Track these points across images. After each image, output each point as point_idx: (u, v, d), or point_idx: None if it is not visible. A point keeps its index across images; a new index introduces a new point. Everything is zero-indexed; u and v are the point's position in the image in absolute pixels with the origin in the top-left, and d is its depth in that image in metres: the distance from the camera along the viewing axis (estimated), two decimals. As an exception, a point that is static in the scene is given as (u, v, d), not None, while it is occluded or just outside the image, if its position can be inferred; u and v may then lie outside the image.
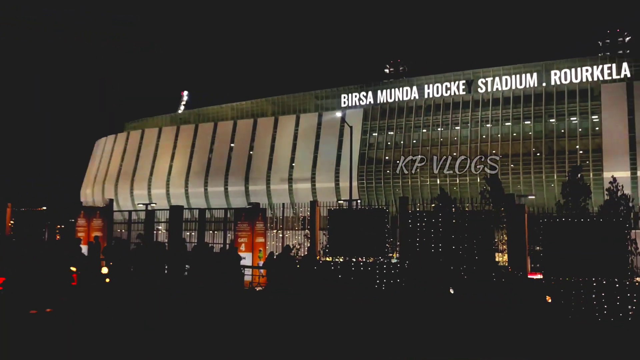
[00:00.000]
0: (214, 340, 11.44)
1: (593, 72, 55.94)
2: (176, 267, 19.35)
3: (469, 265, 18.34)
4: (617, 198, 27.12)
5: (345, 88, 68.65)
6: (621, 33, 58.10)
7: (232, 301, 17.30)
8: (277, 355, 10.40)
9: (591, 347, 12.58)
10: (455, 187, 57.09)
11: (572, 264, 17.46)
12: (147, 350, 10.52)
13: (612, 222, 18.74)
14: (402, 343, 11.75)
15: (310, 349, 10.86)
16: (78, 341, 11.06)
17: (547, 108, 57.29)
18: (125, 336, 11.65)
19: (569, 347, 12.53)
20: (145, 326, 12.96)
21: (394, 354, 10.72)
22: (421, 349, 11.21)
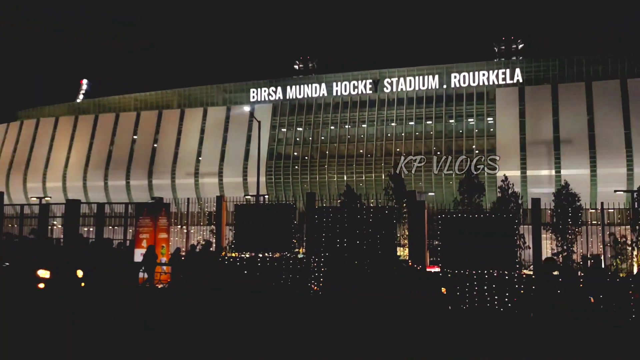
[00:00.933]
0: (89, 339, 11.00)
1: (489, 76, 59.31)
2: (65, 264, 18.29)
3: (372, 260, 18.87)
4: (508, 196, 28.98)
5: (255, 82, 68.22)
6: (515, 40, 62.01)
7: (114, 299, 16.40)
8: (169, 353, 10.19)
9: (484, 336, 13.34)
10: (362, 184, 58.50)
11: (467, 258, 18.43)
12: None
13: (503, 218, 20.01)
14: (306, 339, 11.87)
15: (210, 346, 10.72)
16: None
17: (447, 109, 60.07)
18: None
19: (464, 336, 13.21)
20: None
21: (301, 351, 10.82)
22: (337, 345, 11.39)
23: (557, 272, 18.66)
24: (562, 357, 11.02)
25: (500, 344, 11.93)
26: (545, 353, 11.23)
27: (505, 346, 11.73)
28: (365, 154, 61.63)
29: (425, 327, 13.83)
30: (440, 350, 10.98)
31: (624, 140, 52.42)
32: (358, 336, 12.08)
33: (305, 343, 11.23)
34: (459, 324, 15.24)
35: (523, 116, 56.54)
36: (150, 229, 21.85)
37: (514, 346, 11.80)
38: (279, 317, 14.48)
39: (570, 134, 54.00)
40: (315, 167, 62.70)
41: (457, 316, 16.99)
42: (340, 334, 12.29)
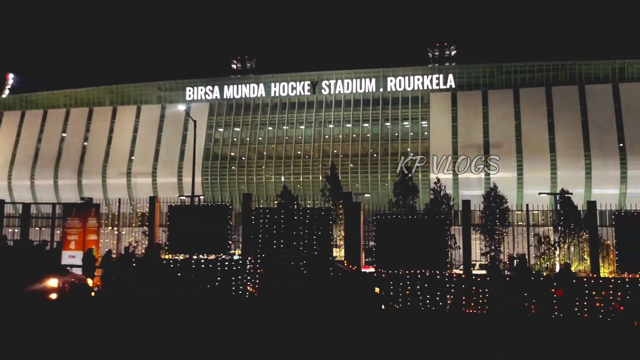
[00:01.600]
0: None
1: (424, 81, 60.87)
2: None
3: (308, 260, 18.98)
4: (440, 197, 29.81)
5: (191, 81, 67.05)
6: (448, 47, 63.93)
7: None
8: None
9: (416, 334, 13.66)
10: (299, 185, 58.64)
11: (401, 258, 18.90)
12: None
13: (435, 219, 20.65)
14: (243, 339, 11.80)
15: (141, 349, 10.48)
16: None
17: (384, 112, 61.18)
18: None
19: (398, 334, 13.48)
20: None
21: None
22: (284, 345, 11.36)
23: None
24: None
25: (434, 343, 12.26)
26: (481, 349, 11.64)
27: (442, 345, 12.07)
28: (302, 155, 61.84)
29: (359, 326, 14.02)
30: (376, 351, 11.17)
31: (548, 145, 55.07)
32: (293, 337, 12.11)
33: (239, 345, 11.15)
34: (393, 322, 15.55)
35: (455, 120, 58.40)
36: (79, 230, 21.12)
37: (452, 345, 12.16)
38: (213, 320, 14.30)
39: (499, 138, 56.22)
40: (252, 167, 62.35)
41: (391, 315, 17.34)
42: (276, 335, 12.28)
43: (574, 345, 12.78)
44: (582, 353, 11.70)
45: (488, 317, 17.27)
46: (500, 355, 11.01)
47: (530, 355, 11.14)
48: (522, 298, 18.02)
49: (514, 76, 60.05)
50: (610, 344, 13.03)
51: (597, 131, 54.29)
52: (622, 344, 13.13)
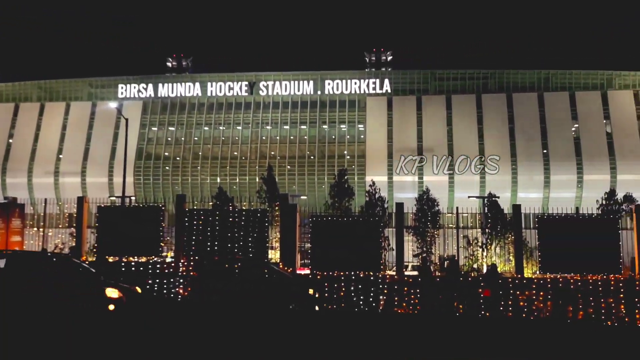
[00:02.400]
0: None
1: (360, 85, 61.76)
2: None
3: (243, 262, 18.83)
4: (375, 200, 30.33)
5: (124, 78, 65.09)
6: (385, 52, 65.13)
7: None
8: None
9: (349, 335, 13.81)
10: (235, 186, 58.10)
11: (336, 259, 19.08)
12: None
13: (370, 222, 20.99)
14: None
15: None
16: None
17: (321, 115, 61.62)
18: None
19: (330, 336, 13.58)
20: None
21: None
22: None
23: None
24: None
25: (366, 343, 12.43)
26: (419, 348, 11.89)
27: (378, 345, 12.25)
28: (239, 156, 61.31)
29: (291, 328, 14.03)
30: (308, 352, 11.22)
31: (478, 150, 57.12)
32: (226, 340, 11.98)
33: (168, 350, 10.92)
34: (326, 324, 15.64)
35: (391, 125, 59.56)
36: (0, 232, 20.07)
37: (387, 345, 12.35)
38: (142, 324, 13.92)
39: (432, 142, 57.81)
40: (187, 168, 61.22)
41: (326, 316, 17.43)
42: (208, 339, 12.11)
43: (500, 343, 13.29)
44: (507, 351, 12.19)
45: (419, 317, 17.71)
46: (430, 354, 11.30)
47: (458, 354, 11.50)
48: (451, 298, 18.61)
49: (446, 83, 61.93)
50: (534, 341, 13.63)
51: (523, 138, 56.79)
52: (546, 341, 13.75)
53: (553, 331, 15.72)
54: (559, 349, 12.74)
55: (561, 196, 52.24)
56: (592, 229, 21.24)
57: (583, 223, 21.99)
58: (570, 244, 20.58)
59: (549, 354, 11.94)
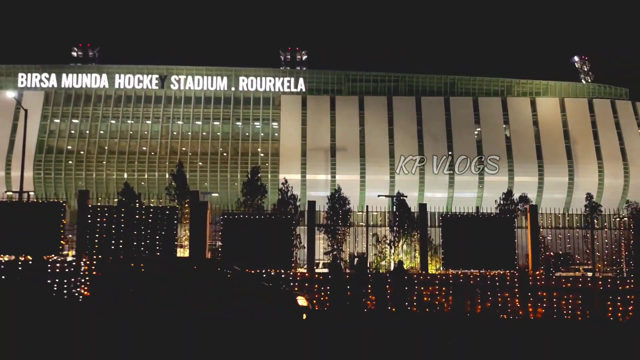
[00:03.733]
0: None
1: (275, 83, 61.75)
2: None
3: (150, 261, 18.28)
4: (287, 198, 30.47)
5: (24, 67, 61.15)
6: (300, 51, 65.48)
7: None
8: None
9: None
10: (144, 183, 56.24)
11: (247, 257, 18.96)
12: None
13: (282, 220, 21.05)
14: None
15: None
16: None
17: (235, 111, 60.98)
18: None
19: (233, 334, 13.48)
20: None
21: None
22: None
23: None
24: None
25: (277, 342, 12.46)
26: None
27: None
28: (148, 151, 59.39)
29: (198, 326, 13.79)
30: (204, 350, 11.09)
31: (388, 151, 58.83)
32: (128, 343, 11.60)
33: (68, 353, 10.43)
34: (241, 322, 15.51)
35: (305, 123, 60.01)
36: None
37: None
38: (39, 326, 13.17)
39: (345, 142, 58.87)
40: (92, 163, 58.48)
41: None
42: (110, 341, 11.67)
43: (405, 337, 13.77)
44: (414, 346, 12.66)
45: (328, 313, 17.98)
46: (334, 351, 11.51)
47: (369, 350, 11.79)
48: (360, 294, 19.05)
49: (359, 84, 63.30)
50: (440, 336, 14.23)
51: (430, 139, 59.14)
52: (450, 335, 14.40)
53: (454, 325, 16.51)
54: (459, 341, 13.40)
55: (464, 196, 54.98)
56: (491, 228, 22.49)
57: (483, 222, 23.24)
58: (471, 241, 21.71)
59: (449, 346, 12.53)
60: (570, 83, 65.02)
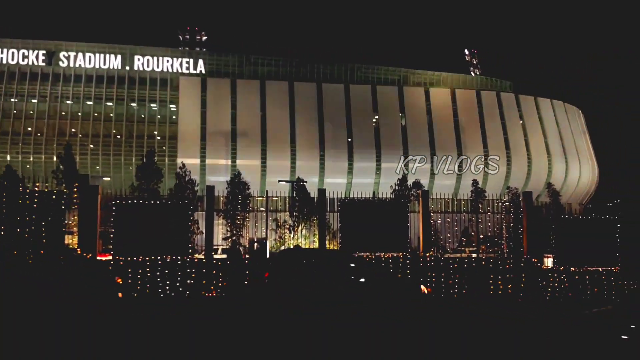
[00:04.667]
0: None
1: (173, 63, 59.76)
2: None
3: (36, 248, 17.23)
4: (185, 182, 29.78)
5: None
6: (199, 32, 63.79)
7: None
8: None
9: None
10: (29, 166, 52.55)
11: (141, 244, 18.33)
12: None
13: (179, 205, 20.52)
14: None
15: None
16: None
17: (130, 92, 58.38)
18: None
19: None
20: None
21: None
22: None
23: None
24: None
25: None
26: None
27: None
28: (34, 132, 55.45)
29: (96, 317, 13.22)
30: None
31: (289, 136, 59.06)
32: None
33: None
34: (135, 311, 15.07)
35: (204, 107, 58.70)
36: None
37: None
38: None
39: (246, 127, 58.33)
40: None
41: (134, 303, 16.78)
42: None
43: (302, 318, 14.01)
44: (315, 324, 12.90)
45: (226, 300, 17.87)
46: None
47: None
48: (259, 279, 19.07)
49: (261, 68, 62.82)
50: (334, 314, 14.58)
51: (331, 126, 60.07)
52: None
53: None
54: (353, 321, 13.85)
55: (363, 181, 56.55)
56: (386, 212, 23.35)
57: (378, 206, 24.07)
58: (367, 225, 22.42)
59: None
60: (461, 75, 68.58)
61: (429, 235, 23.95)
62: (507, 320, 14.88)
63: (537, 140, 64.32)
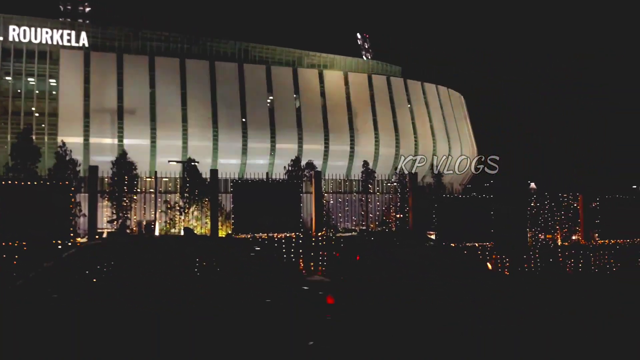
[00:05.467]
0: None
1: (53, 35, 55.59)
2: None
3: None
4: (65, 163, 27.96)
5: None
6: (82, 2, 59.72)
7: None
8: None
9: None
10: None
11: (20, 227, 17.16)
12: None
13: (59, 186, 19.34)
14: None
15: None
16: None
17: (4, 65, 53.68)
18: None
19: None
20: None
21: None
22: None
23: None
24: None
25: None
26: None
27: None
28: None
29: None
30: None
31: (181, 115, 57.32)
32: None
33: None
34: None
35: (88, 82, 55.27)
36: None
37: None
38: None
39: (134, 105, 55.75)
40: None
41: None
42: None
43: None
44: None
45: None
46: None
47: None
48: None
49: (150, 43, 60.14)
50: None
51: (224, 105, 58.99)
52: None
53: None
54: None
55: (257, 163, 56.32)
56: (279, 193, 23.55)
57: (272, 187, 24.18)
58: (261, 206, 22.50)
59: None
60: (353, 58, 69.99)
61: (321, 215, 24.43)
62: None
63: (424, 124, 67.46)
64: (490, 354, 10.24)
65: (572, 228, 25.43)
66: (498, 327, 11.94)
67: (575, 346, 11.14)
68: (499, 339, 11.11)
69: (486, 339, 10.97)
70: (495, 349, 10.44)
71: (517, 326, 11.93)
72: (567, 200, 25.40)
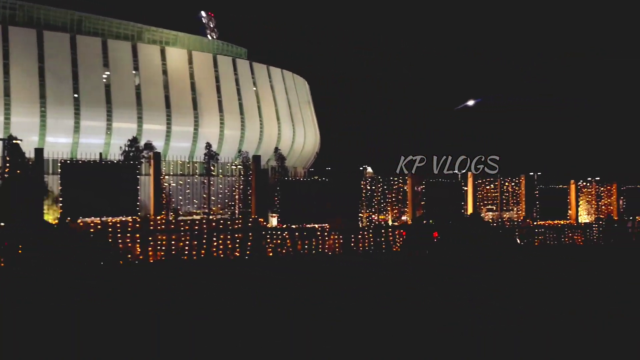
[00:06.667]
0: None
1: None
2: None
3: None
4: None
5: None
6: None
7: None
8: None
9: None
10: None
11: None
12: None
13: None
14: None
15: None
16: None
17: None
18: None
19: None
20: None
21: None
22: None
23: None
24: None
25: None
26: None
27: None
28: None
29: None
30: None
31: (3, 88, 51.63)
32: None
33: None
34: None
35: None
36: None
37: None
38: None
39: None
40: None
41: None
42: None
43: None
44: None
45: None
46: None
47: None
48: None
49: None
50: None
51: (54, 79, 54.24)
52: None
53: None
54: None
55: (92, 142, 52.68)
56: (114, 175, 22.32)
57: (106, 168, 22.86)
58: (93, 188, 21.15)
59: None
60: (198, 37, 68.31)
61: (160, 198, 23.65)
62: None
63: (269, 107, 68.04)
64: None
65: (401, 209, 27.51)
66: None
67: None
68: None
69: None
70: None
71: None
72: (398, 183, 27.37)
